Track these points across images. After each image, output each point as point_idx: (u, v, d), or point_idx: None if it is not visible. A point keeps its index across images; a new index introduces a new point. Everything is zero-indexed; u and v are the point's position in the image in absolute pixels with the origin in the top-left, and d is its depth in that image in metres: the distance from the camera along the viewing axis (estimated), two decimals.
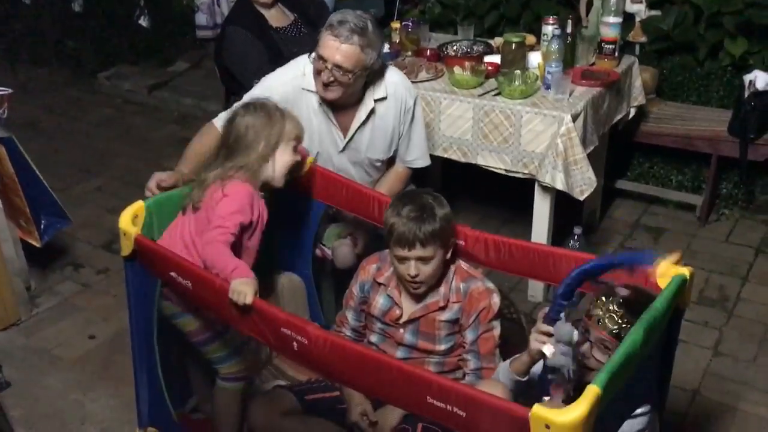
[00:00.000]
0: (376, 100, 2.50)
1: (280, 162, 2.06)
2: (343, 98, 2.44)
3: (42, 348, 2.91)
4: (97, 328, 3.02)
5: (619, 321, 1.68)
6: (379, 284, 2.13)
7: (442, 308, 2.04)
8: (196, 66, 5.67)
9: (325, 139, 2.53)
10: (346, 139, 2.54)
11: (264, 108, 2.07)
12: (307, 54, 2.47)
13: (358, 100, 2.49)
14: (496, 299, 2.06)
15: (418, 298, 2.07)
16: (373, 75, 2.47)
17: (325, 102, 2.46)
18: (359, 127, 2.52)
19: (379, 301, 2.12)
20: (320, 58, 2.35)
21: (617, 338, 1.67)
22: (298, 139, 2.12)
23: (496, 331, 2.07)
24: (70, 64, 6.00)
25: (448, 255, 2.03)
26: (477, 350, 2.05)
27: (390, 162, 2.70)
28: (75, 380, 2.74)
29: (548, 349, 1.58)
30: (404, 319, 2.08)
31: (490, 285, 2.08)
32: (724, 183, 3.76)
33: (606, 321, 1.69)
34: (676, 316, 1.75)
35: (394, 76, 2.56)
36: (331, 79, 2.35)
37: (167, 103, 5.36)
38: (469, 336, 2.05)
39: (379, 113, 2.52)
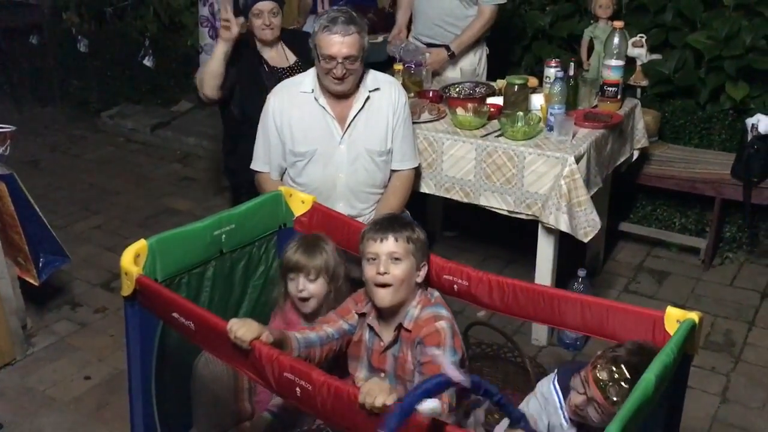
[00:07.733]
0: (370, 91, 2.71)
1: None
2: (353, 86, 2.67)
3: (36, 388, 2.85)
4: (93, 369, 2.97)
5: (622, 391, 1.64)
6: (361, 315, 2.10)
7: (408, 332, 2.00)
8: (199, 106, 5.69)
9: (323, 133, 2.70)
10: (344, 128, 2.69)
11: None
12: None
13: (354, 91, 2.69)
14: (441, 325, 1.95)
15: (388, 319, 2.04)
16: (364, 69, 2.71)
17: (323, 96, 2.67)
18: (356, 116, 2.69)
19: (365, 336, 2.09)
20: (329, 57, 2.56)
21: (614, 405, 1.63)
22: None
23: (442, 359, 1.82)
24: (74, 103, 6.04)
25: (419, 278, 2.02)
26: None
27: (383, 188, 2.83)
28: (69, 422, 2.68)
29: None
30: (385, 343, 2.04)
31: (442, 312, 2.00)
32: (728, 226, 3.73)
33: (610, 388, 1.66)
34: (685, 363, 1.72)
35: (382, 75, 2.81)
36: (344, 72, 2.57)
37: (170, 141, 5.37)
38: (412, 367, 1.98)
39: (374, 103, 2.72)
